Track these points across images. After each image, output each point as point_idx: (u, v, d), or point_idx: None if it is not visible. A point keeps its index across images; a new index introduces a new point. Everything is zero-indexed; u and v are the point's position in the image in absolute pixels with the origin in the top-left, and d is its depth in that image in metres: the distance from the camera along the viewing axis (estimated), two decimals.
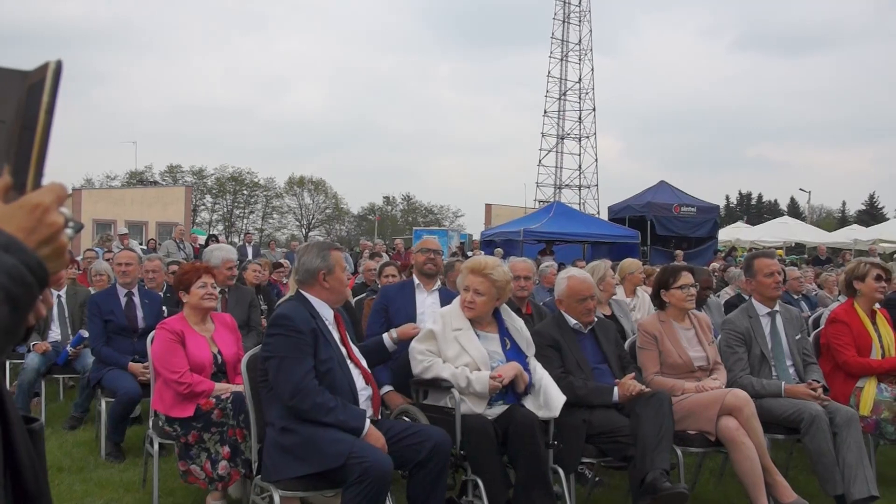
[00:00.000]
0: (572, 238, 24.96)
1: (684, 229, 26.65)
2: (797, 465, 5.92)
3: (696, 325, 5.35)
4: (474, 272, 4.65)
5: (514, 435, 4.27)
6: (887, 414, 5.32)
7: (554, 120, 57.28)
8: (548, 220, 25.07)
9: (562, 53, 56.92)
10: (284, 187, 71.67)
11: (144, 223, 36.90)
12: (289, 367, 3.79)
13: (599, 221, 29.64)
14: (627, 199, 29.05)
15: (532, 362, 4.66)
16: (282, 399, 3.79)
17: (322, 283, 4.10)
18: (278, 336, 3.87)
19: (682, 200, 27.11)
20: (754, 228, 37.43)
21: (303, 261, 4.15)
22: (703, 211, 27.29)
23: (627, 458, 4.52)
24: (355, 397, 3.99)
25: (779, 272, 5.48)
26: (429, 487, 3.95)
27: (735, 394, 4.83)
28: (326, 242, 4.43)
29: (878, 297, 5.80)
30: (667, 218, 26.29)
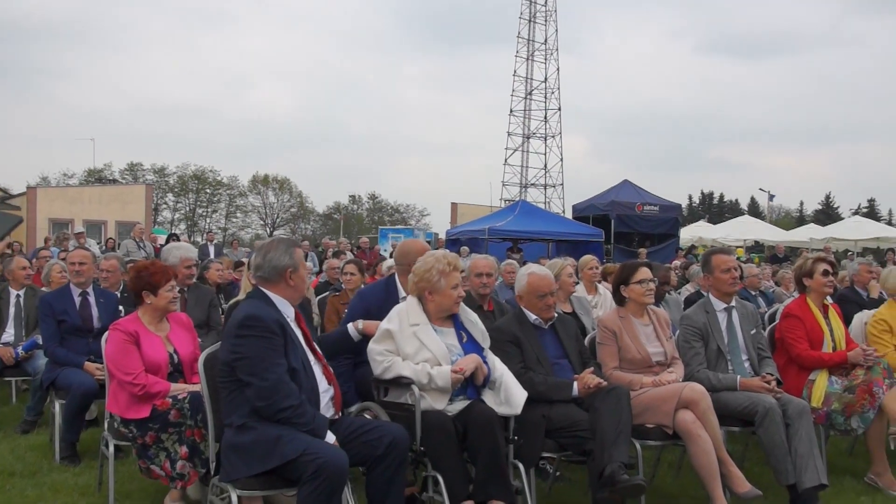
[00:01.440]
0: (537, 236, 25.11)
1: (647, 227, 26.95)
2: (752, 456, 6.03)
3: (655, 321, 5.42)
4: (456, 269, 4.68)
5: (473, 431, 4.29)
6: (837, 405, 5.44)
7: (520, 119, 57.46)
8: (513, 218, 25.20)
9: (528, 53, 57.11)
10: (248, 186, 71.27)
11: (103, 222, 36.35)
12: (265, 368, 3.75)
13: (563, 220, 29.87)
14: (591, 197, 29.28)
15: (490, 357, 4.68)
16: (255, 400, 3.75)
17: (287, 281, 4.08)
18: (250, 338, 3.81)
19: (645, 199, 27.38)
20: (715, 227, 37.87)
21: (269, 258, 4.08)
22: (666, 209, 27.59)
23: (586, 452, 4.57)
24: (317, 400, 3.98)
25: (735, 268, 5.57)
26: (387, 483, 3.95)
27: (692, 388, 4.91)
28: (291, 239, 4.42)
29: (827, 292, 5.92)
30: (630, 216, 26.55)
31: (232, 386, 3.86)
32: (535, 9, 56.80)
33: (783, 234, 34.80)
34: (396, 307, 4.79)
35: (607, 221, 26.37)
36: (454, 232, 27.76)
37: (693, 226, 38.94)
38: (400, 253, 5.60)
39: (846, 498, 5.34)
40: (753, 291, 9.68)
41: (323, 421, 3.89)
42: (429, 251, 4.96)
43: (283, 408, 3.73)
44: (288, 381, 3.80)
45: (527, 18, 56.95)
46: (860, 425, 5.43)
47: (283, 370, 3.81)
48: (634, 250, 23.21)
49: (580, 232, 25.60)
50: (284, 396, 3.74)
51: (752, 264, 11.74)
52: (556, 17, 57.12)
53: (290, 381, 3.81)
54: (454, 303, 4.65)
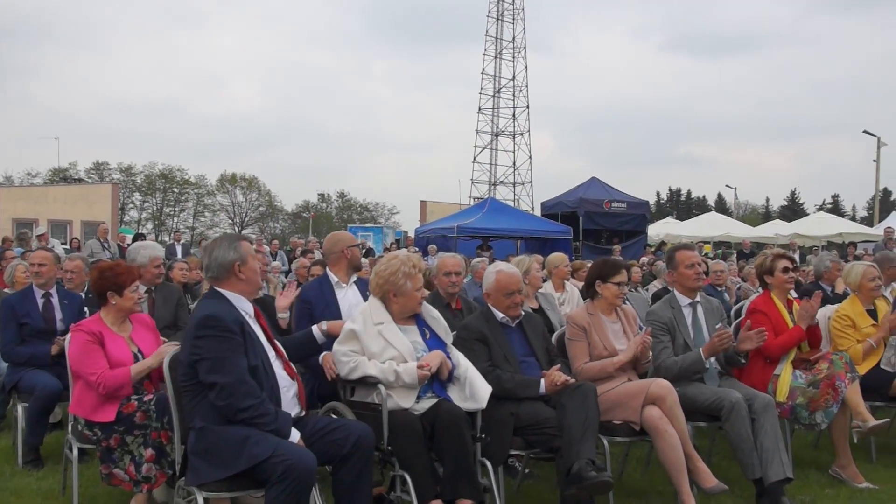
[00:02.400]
0: (505, 234, 25.18)
1: (615, 224, 27.11)
2: (719, 451, 6.08)
3: (623, 318, 5.45)
4: (420, 270, 4.70)
5: (440, 429, 4.29)
6: (802, 400, 5.50)
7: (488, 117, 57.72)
8: (481, 216, 25.26)
9: (496, 51, 57.34)
10: (216, 185, 70.78)
11: (69, 222, 35.91)
12: (225, 368, 3.72)
13: (532, 217, 29.99)
14: (560, 195, 29.39)
15: (454, 352, 4.69)
16: (216, 400, 3.71)
17: (238, 275, 4.03)
18: (209, 338, 3.77)
19: (613, 196, 27.54)
20: (683, 223, 38.23)
21: (214, 256, 4.03)
22: (633, 206, 27.77)
23: (554, 450, 4.58)
24: (278, 398, 3.95)
25: (699, 264, 5.61)
26: (354, 482, 3.94)
27: (658, 384, 4.94)
28: (235, 234, 4.39)
29: (788, 288, 5.99)
30: (598, 213, 26.69)
31: (195, 389, 3.83)
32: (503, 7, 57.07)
33: (750, 230, 35.14)
34: (360, 307, 4.78)
35: (576, 219, 26.50)
36: (423, 230, 27.78)
37: (661, 222, 39.27)
38: (330, 243, 5.73)
39: (811, 490, 5.40)
40: (720, 287, 9.74)
41: (286, 419, 3.87)
42: (391, 253, 4.98)
43: (243, 407, 3.70)
44: (248, 381, 3.76)
45: (495, 17, 57.22)
46: (824, 420, 5.50)
47: (244, 369, 3.77)
48: (603, 247, 23.35)
49: (549, 229, 25.71)
50: (244, 396, 3.71)
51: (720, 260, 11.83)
52: (523, 15, 57.49)
53: (251, 379, 3.78)
54: (418, 304, 4.66)
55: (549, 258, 8.43)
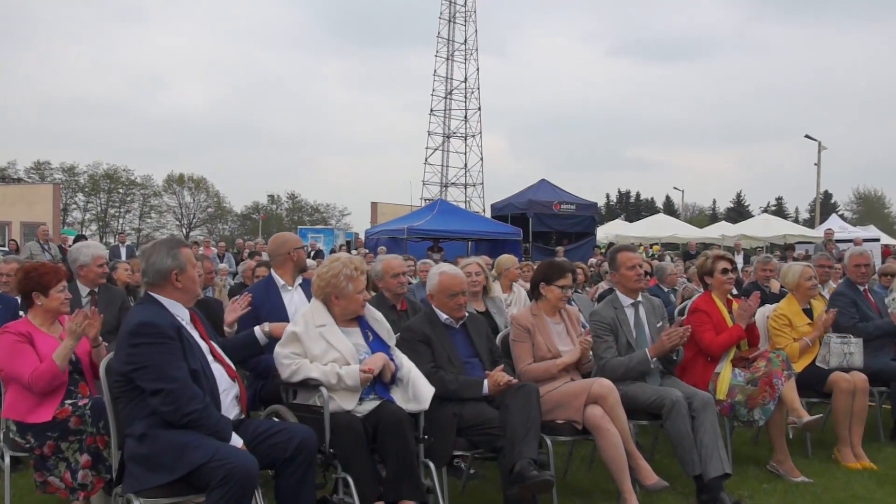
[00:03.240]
0: (455, 235, 25.22)
1: (564, 226, 27.31)
2: (662, 448, 6.17)
3: (566, 320, 5.50)
4: (363, 272, 4.68)
5: (383, 431, 4.29)
6: (741, 397, 5.61)
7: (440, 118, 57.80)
8: (431, 217, 25.27)
9: (448, 52, 57.47)
10: (163, 185, 69.80)
11: (7, 223, 35.03)
12: (168, 374, 3.66)
13: (482, 219, 30.10)
14: (509, 196, 29.51)
15: (397, 354, 4.70)
16: (160, 406, 3.65)
17: (174, 283, 3.96)
18: (146, 345, 3.70)
19: (562, 198, 27.73)
20: (632, 225, 38.68)
21: (151, 261, 3.95)
22: (582, 208, 28.00)
23: (497, 450, 4.61)
24: (218, 402, 3.91)
25: (640, 265, 5.70)
26: (296, 485, 3.92)
27: (600, 383, 5.00)
28: (175, 240, 4.27)
29: (728, 288, 6.11)
30: (547, 215, 26.86)
31: (130, 395, 3.75)
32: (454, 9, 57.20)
33: (697, 231, 35.72)
34: (302, 311, 4.77)
35: (525, 220, 26.62)
36: (373, 231, 27.71)
37: (610, 224, 39.72)
38: (275, 245, 5.76)
39: (749, 485, 5.51)
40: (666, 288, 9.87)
41: (227, 423, 3.83)
42: (333, 255, 4.97)
43: (188, 412, 3.65)
44: (191, 385, 3.72)
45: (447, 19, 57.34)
46: (762, 416, 5.61)
47: (186, 373, 3.73)
48: (552, 248, 23.50)
49: (499, 231, 25.82)
50: (189, 400, 3.66)
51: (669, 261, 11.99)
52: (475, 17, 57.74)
53: (194, 384, 3.74)
54: (361, 306, 4.65)
55: (498, 260, 8.48)
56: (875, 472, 5.88)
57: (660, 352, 5.41)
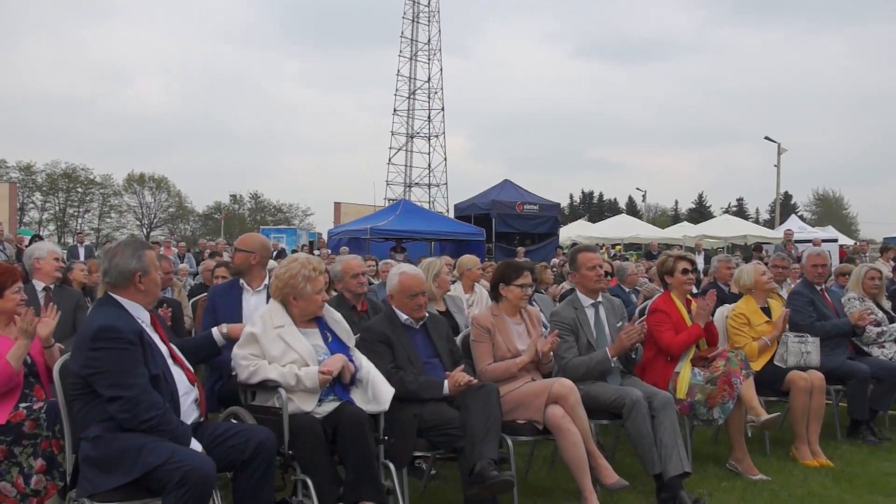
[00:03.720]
0: (418, 236, 25.19)
1: (527, 226, 27.41)
2: (623, 447, 6.18)
3: (527, 320, 5.50)
4: (322, 273, 4.66)
5: (343, 432, 4.26)
6: (700, 396, 5.66)
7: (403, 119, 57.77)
8: (394, 217, 25.22)
9: (411, 52, 57.45)
10: (123, 185, 68.96)
11: None
12: (126, 381, 3.61)
13: (445, 219, 30.13)
14: (473, 197, 29.59)
15: (356, 355, 4.68)
16: (118, 413, 3.59)
17: (137, 286, 3.91)
18: (107, 350, 3.64)
19: (526, 199, 27.84)
20: (595, 225, 38.95)
21: (115, 262, 3.90)
22: (546, 209, 28.13)
23: (458, 450, 4.60)
24: (177, 406, 3.87)
25: (600, 265, 5.72)
26: (255, 487, 3.88)
27: (561, 383, 5.02)
28: (140, 241, 4.22)
29: (688, 288, 6.17)
30: (510, 216, 26.94)
31: (87, 398, 3.69)
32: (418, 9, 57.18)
33: (659, 231, 36.03)
34: (260, 311, 4.73)
35: (489, 220, 26.68)
36: (336, 231, 27.59)
37: (573, 224, 39.99)
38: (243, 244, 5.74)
39: (709, 484, 5.56)
40: (627, 289, 9.92)
41: (186, 429, 3.78)
42: (291, 255, 4.93)
43: (146, 419, 3.61)
44: (150, 391, 3.67)
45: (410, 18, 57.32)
46: (721, 415, 5.67)
47: (145, 380, 3.68)
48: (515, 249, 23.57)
49: (462, 231, 25.85)
50: (147, 407, 3.62)
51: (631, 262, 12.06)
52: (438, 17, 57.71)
53: (153, 389, 3.69)
54: (319, 307, 4.61)
55: (460, 260, 8.46)
56: (832, 469, 5.97)
57: (619, 350, 5.44)
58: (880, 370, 6.80)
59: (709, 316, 5.90)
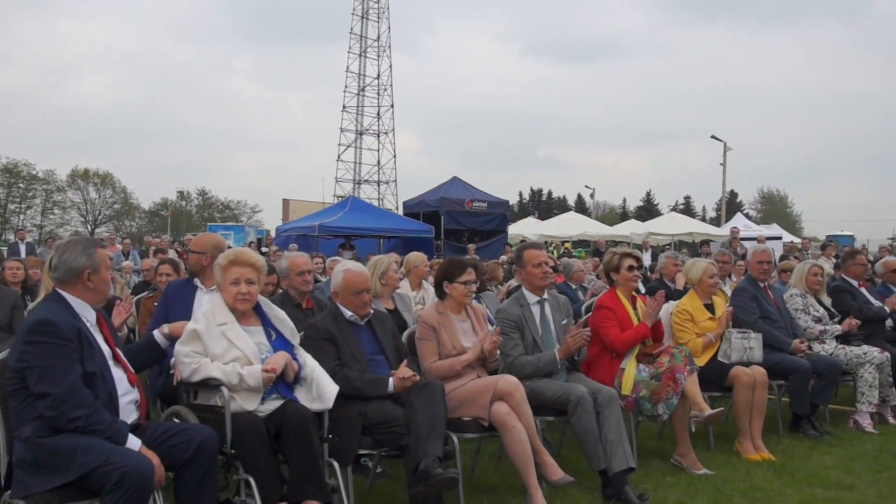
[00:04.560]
0: (367, 233, 25.10)
1: (476, 224, 27.47)
2: (569, 444, 6.20)
3: (472, 317, 5.49)
4: (239, 263, 4.55)
5: (286, 431, 4.21)
6: (645, 392, 5.70)
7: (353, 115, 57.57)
8: (343, 214, 25.11)
9: (360, 49, 57.21)
10: (67, 181, 67.59)
11: None
12: (55, 377, 3.53)
13: (394, 216, 30.07)
14: (422, 194, 29.57)
15: (300, 353, 4.62)
16: (45, 411, 3.52)
17: (86, 283, 3.86)
18: (40, 344, 3.57)
19: (474, 196, 27.91)
20: (544, 223, 39.16)
21: (64, 258, 3.85)
22: (494, 206, 28.22)
23: (403, 448, 4.58)
24: (115, 406, 3.80)
25: (546, 262, 5.73)
26: (197, 486, 3.84)
27: (506, 380, 5.02)
28: (91, 239, 4.17)
29: (633, 285, 6.22)
30: (459, 213, 26.99)
31: (21, 395, 3.62)
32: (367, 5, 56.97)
33: (607, 229, 36.35)
34: (202, 308, 4.65)
35: (438, 218, 26.68)
36: (284, 228, 27.38)
37: (522, 222, 40.16)
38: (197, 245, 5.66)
39: (654, 479, 5.61)
40: (574, 286, 9.97)
41: (122, 426, 3.70)
42: None
43: (73, 417, 3.53)
44: (80, 390, 3.59)
45: (360, 15, 57.10)
46: (665, 411, 5.71)
47: (76, 378, 3.59)
48: (464, 246, 23.62)
49: (410, 228, 25.81)
50: (75, 406, 3.54)
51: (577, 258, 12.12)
52: (388, 14, 57.65)
53: (84, 388, 3.61)
54: (234, 299, 4.50)
55: (407, 257, 8.44)
56: (773, 462, 6.06)
57: (566, 353, 5.49)
58: (821, 365, 6.92)
59: (656, 316, 5.94)
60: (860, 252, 8.87)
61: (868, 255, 19.54)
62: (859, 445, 6.59)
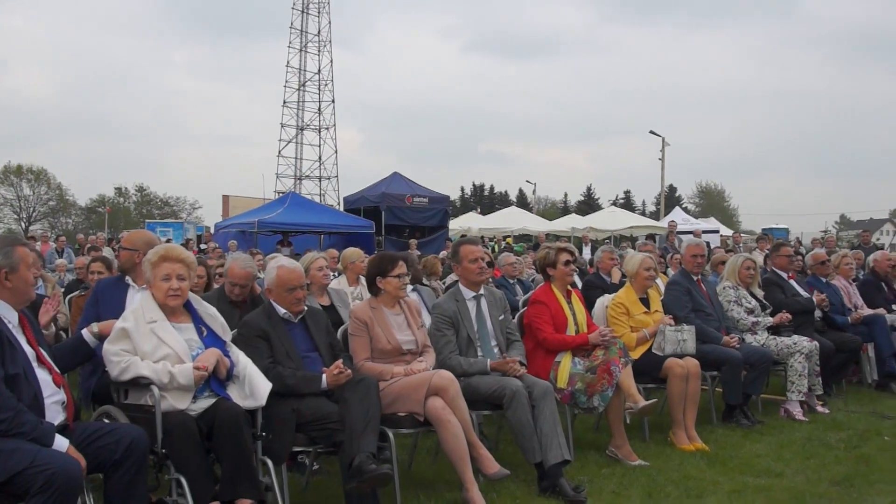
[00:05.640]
0: (307, 229, 24.90)
1: (417, 219, 27.44)
2: (506, 437, 6.24)
3: (406, 311, 5.48)
4: (169, 259, 4.49)
5: (218, 429, 4.17)
6: (580, 385, 5.76)
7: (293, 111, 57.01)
8: (283, 210, 24.85)
9: (301, 44, 56.72)
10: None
11: None
12: None
13: (334, 212, 29.87)
14: (362, 189, 29.43)
15: (233, 350, 4.58)
16: None
17: (4, 283, 3.77)
18: None
19: (415, 191, 27.87)
20: (485, 217, 39.27)
21: None
22: (435, 201, 28.21)
23: (337, 444, 4.56)
24: (41, 407, 3.72)
25: (482, 258, 5.75)
26: (127, 487, 3.78)
27: (441, 375, 5.02)
28: (10, 237, 4.06)
29: (569, 280, 6.26)
30: (400, 208, 26.92)
31: None
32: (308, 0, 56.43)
33: (547, 224, 36.60)
34: (132, 306, 4.57)
35: (378, 213, 26.59)
36: (223, 225, 27.05)
37: (463, 217, 40.21)
38: (128, 241, 5.55)
39: (589, 471, 5.67)
40: (511, 280, 10.03)
41: (48, 428, 3.62)
42: None
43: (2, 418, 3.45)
44: (2, 392, 3.50)
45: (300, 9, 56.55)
46: (601, 403, 5.77)
47: None
48: (405, 241, 23.59)
49: (351, 224, 25.66)
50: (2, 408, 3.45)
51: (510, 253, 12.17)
52: (328, 9, 57.17)
53: (6, 390, 3.53)
54: (165, 295, 4.44)
55: (343, 253, 8.40)
56: (707, 452, 6.17)
57: (500, 370, 5.47)
58: (753, 356, 7.07)
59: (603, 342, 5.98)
60: (785, 244, 9.08)
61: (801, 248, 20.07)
62: (789, 433, 6.75)
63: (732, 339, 7.11)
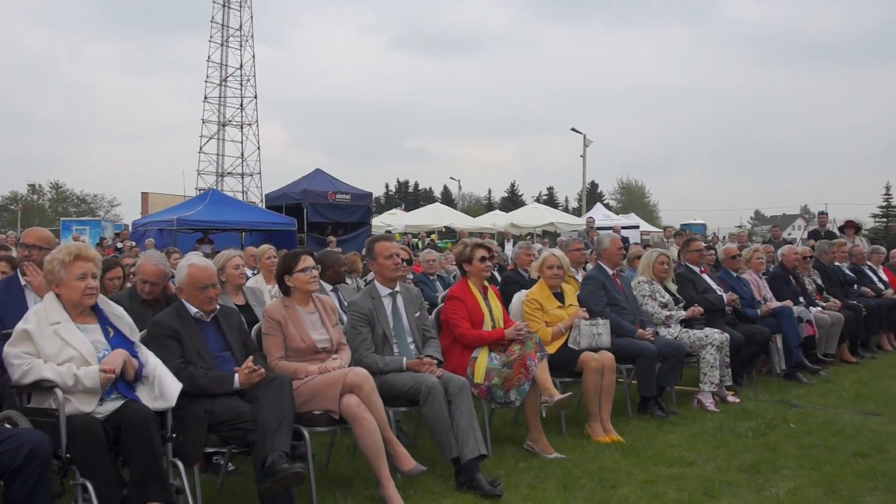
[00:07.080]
0: (228, 226, 24.50)
1: (340, 216, 27.28)
2: (425, 433, 6.24)
3: (320, 308, 5.45)
4: (83, 258, 4.38)
5: (126, 432, 4.08)
6: (497, 380, 5.80)
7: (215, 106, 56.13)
8: (203, 207, 24.37)
9: (222, 38, 55.82)
10: None
11: None
12: None
13: (256, 209, 29.51)
14: (284, 186, 29.12)
15: (142, 350, 4.49)
16: None
17: None
18: None
19: (337, 188, 27.69)
20: (409, 214, 39.27)
21: None
22: (357, 198, 28.07)
23: (250, 444, 4.50)
24: None
25: (397, 254, 5.75)
26: (30, 494, 3.69)
27: (356, 372, 5.01)
28: None
29: (485, 276, 6.31)
30: (322, 205, 26.70)
31: None
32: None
33: (471, 220, 36.82)
34: (34, 307, 4.44)
35: (300, 210, 26.35)
36: (141, 223, 26.43)
37: (387, 213, 40.18)
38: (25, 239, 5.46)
39: (507, 465, 5.72)
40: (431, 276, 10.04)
41: None
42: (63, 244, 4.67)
43: None
44: None
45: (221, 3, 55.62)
46: (518, 397, 5.83)
47: None
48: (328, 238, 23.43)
49: (273, 221, 25.34)
50: None
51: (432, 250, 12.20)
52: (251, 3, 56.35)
53: None
54: (82, 294, 4.34)
55: (258, 250, 8.32)
56: (622, 444, 6.27)
57: (417, 369, 5.46)
58: (666, 349, 7.22)
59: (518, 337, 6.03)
60: (695, 240, 9.35)
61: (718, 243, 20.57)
62: (701, 424, 6.91)
63: (647, 333, 7.25)
